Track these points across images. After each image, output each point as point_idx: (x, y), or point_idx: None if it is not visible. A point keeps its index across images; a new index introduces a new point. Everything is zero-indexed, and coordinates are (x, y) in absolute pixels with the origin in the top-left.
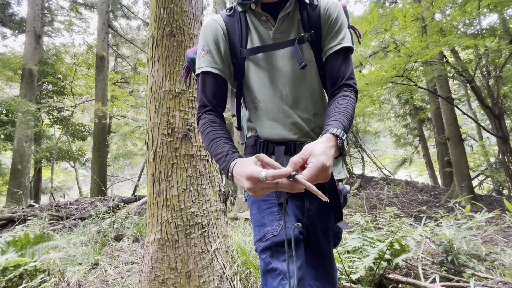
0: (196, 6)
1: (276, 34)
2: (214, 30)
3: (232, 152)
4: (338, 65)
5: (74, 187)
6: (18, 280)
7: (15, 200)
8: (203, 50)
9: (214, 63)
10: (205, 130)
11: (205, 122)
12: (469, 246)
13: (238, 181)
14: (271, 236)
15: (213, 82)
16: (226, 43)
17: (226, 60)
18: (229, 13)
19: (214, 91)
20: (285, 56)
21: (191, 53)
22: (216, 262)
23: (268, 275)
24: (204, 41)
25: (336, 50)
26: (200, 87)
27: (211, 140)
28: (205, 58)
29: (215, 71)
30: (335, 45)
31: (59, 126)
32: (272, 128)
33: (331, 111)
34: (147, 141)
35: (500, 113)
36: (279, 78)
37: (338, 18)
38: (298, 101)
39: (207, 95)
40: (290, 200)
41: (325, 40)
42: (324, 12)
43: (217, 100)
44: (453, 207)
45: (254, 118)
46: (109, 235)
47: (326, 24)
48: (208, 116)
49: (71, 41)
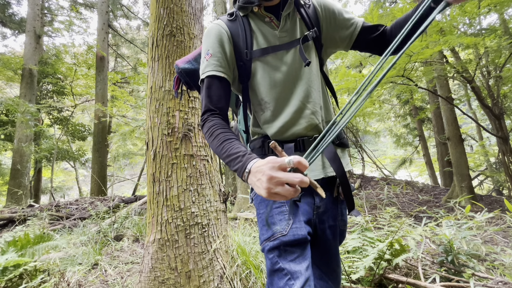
0: (196, 6)
1: (282, 33)
2: (218, 34)
3: (249, 153)
4: (369, 27)
5: (74, 187)
6: (18, 280)
7: (15, 200)
8: (207, 54)
9: (219, 67)
10: (214, 131)
11: (214, 124)
12: (469, 246)
13: (257, 174)
14: (279, 235)
15: (219, 85)
16: (231, 46)
17: (231, 64)
18: (231, 18)
19: (220, 94)
20: (293, 54)
21: (181, 63)
22: (216, 262)
23: (274, 275)
24: (208, 45)
25: (360, 25)
26: (205, 91)
27: (224, 141)
28: (209, 62)
29: (221, 75)
30: (355, 23)
31: (59, 126)
32: (283, 128)
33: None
34: (147, 141)
35: (500, 113)
36: (290, 75)
37: (335, 6)
38: (309, 94)
39: (213, 99)
40: (302, 197)
41: (339, 27)
42: (320, 9)
43: (222, 104)
44: (453, 207)
45: (261, 120)
46: (109, 235)
47: (328, 17)
48: (216, 119)
49: (71, 41)
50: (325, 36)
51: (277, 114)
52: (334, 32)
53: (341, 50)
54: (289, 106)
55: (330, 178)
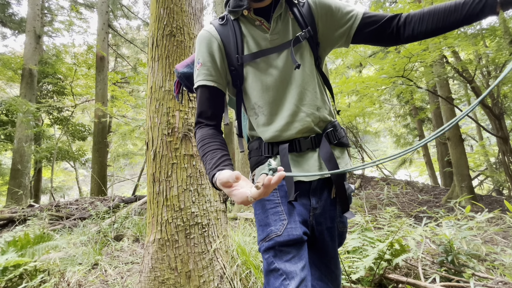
0: (196, 6)
1: (273, 36)
2: (208, 42)
3: (215, 168)
4: (373, 16)
5: (74, 187)
6: (18, 280)
7: (15, 200)
8: (198, 63)
9: (209, 76)
10: (198, 144)
11: (199, 136)
12: (469, 246)
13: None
14: (274, 236)
15: (209, 95)
16: (222, 53)
17: (222, 70)
18: (222, 22)
19: (210, 103)
20: (285, 56)
21: (180, 68)
22: (216, 262)
23: (270, 275)
24: (198, 54)
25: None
26: (198, 100)
27: (203, 155)
28: (200, 71)
29: (210, 84)
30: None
31: (59, 126)
32: (278, 132)
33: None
34: (147, 141)
35: (500, 113)
36: (282, 78)
37: (331, 2)
38: (303, 97)
39: (203, 109)
40: (298, 198)
41: (337, 23)
42: (315, 6)
43: (212, 112)
44: (453, 207)
45: (255, 124)
46: (109, 235)
47: (323, 14)
48: (201, 130)
49: (71, 41)
50: (322, 34)
51: (271, 118)
52: (331, 28)
53: (342, 46)
54: (283, 110)
55: (327, 179)
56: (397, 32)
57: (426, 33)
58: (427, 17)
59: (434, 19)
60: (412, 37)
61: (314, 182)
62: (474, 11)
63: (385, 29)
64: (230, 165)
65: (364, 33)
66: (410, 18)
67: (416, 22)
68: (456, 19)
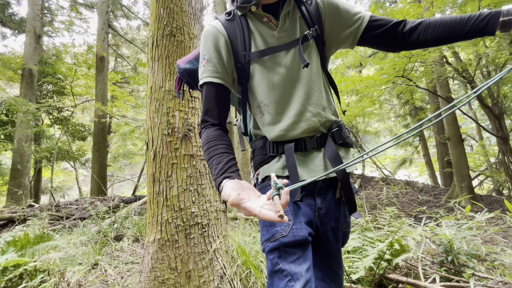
0: (196, 6)
1: (280, 33)
2: (215, 37)
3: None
4: (379, 19)
5: (74, 187)
6: (18, 280)
7: (15, 200)
8: (204, 59)
9: (215, 72)
10: (204, 146)
11: (205, 137)
12: (469, 246)
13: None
14: (280, 236)
15: (215, 92)
16: (228, 49)
17: (228, 67)
18: (229, 18)
19: (216, 101)
20: (292, 55)
21: (182, 63)
22: (216, 262)
23: (275, 276)
24: (204, 50)
25: (367, 20)
26: (203, 99)
27: (209, 158)
28: (206, 68)
29: (216, 81)
30: (361, 17)
31: (59, 126)
32: (283, 131)
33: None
34: (147, 141)
35: (500, 113)
36: (289, 77)
37: (339, 0)
38: (310, 96)
39: (209, 108)
40: (303, 198)
41: (344, 23)
42: (323, 5)
43: (219, 110)
44: (453, 207)
45: (260, 123)
46: (109, 235)
47: (331, 14)
48: (207, 131)
49: (71, 41)
50: (328, 34)
51: (277, 118)
52: (338, 29)
53: (347, 47)
54: (289, 109)
55: (332, 179)
56: (401, 37)
57: (429, 42)
58: (433, 26)
59: (439, 30)
60: (416, 44)
61: (320, 182)
62: (476, 28)
63: (391, 33)
64: (237, 171)
65: (369, 35)
66: (416, 25)
67: (421, 30)
68: (460, 32)
